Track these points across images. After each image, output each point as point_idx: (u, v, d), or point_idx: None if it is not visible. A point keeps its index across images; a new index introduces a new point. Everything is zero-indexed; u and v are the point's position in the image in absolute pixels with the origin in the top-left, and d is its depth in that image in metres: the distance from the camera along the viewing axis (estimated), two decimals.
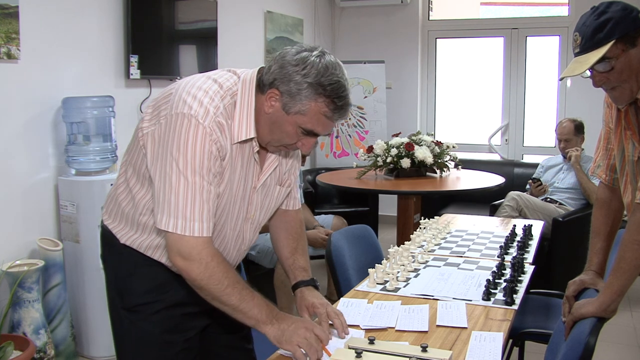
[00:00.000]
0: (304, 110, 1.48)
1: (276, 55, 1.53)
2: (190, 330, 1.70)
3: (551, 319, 2.53)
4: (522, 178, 5.08)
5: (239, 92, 1.53)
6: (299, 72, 1.46)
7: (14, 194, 3.17)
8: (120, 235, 1.65)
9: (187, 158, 1.43)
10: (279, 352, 1.60)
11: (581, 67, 1.62)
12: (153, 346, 1.65)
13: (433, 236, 2.75)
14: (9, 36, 3.04)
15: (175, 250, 1.47)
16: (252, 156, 1.59)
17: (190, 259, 1.46)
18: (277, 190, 1.74)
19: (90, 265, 3.28)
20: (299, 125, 1.51)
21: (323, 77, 1.46)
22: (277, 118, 1.52)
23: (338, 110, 1.50)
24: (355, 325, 1.76)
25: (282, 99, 1.49)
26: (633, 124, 1.72)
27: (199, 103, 1.46)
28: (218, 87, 1.52)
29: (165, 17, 4.15)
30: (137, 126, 1.59)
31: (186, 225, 1.44)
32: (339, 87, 1.48)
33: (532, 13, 7.22)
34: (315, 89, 1.46)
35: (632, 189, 1.75)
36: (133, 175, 1.60)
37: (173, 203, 1.44)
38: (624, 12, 1.60)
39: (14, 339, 2.70)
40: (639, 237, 1.63)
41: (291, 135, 1.53)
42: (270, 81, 1.50)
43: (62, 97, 3.34)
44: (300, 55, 1.49)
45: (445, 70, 6.70)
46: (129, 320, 1.67)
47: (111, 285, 1.72)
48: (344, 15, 6.77)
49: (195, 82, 1.52)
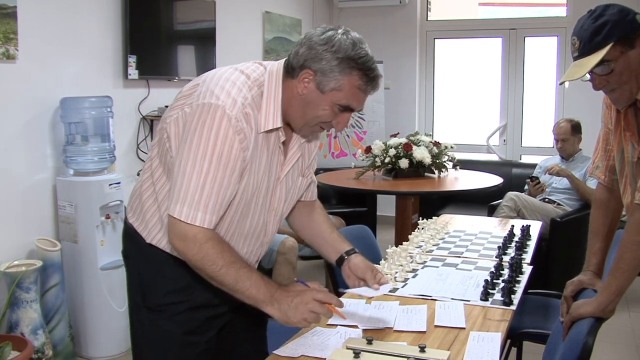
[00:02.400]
0: (339, 86, 1.50)
1: (301, 39, 1.55)
2: (211, 330, 1.70)
3: (549, 320, 2.53)
4: (520, 178, 5.08)
5: (266, 82, 1.55)
6: (329, 50, 1.48)
7: (12, 195, 3.17)
8: (145, 234, 1.65)
9: (207, 149, 1.43)
10: (275, 353, 1.60)
11: (581, 70, 1.62)
12: (174, 346, 1.65)
13: (431, 236, 2.75)
14: (7, 36, 3.04)
15: (172, 232, 1.48)
16: (277, 146, 1.60)
17: (186, 240, 1.47)
18: (300, 181, 1.75)
19: (88, 265, 3.29)
20: (335, 102, 1.52)
21: (353, 51, 1.49)
22: (312, 98, 1.53)
23: (371, 82, 1.53)
24: (354, 326, 1.76)
25: (315, 78, 1.50)
26: (632, 125, 1.72)
27: (226, 94, 1.47)
28: (245, 77, 1.53)
29: (164, 18, 4.15)
30: (162, 118, 1.61)
31: (190, 213, 1.45)
32: (369, 59, 1.51)
33: (530, 14, 7.23)
34: (347, 63, 1.49)
35: (632, 190, 1.75)
36: (157, 169, 1.60)
37: (183, 191, 1.45)
38: (621, 15, 1.60)
39: (12, 339, 2.70)
40: (637, 238, 1.63)
41: (328, 114, 1.55)
42: (301, 63, 1.51)
43: (60, 97, 3.34)
44: (326, 34, 1.51)
45: (443, 71, 6.70)
46: (150, 320, 1.66)
47: (133, 284, 1.71)
48: (342, 16, 6.77)
49: (222, 74, 1.53)
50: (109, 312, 3.35)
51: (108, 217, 3.34)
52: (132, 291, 1.72)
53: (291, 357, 1.58)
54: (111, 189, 3.34)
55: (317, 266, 4.91)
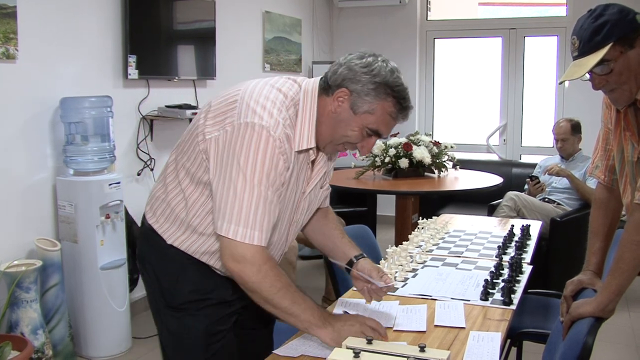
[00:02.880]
0: (372, 110, 1.54)
1: (340, 60, 1.60)
2: (228, 323, 1.73)
3: (549, 319, 2.53)
4: (520, 178, 5.08)
5: (301, 101, 1.58)
6: (368, 73, 1.53)
7: (12, 194, 3.17)
8: (167, 236, 1.66)
9: (255, 168, 1.45)
10: (275, 352, 1.60)
11: (580, 70, 1.62)
12: (200, 339, 1.68)
13: (431, 236, 2.75)
14: (6, 36, 3.04)
15: (228, 254, 1.49)
16: (306, 163, 1.63)
17: (244, 262, 1.48)
18: (320, 193, 1.79)
19: (88, 265, 3.29)
20: (365, 125, 1.56)
21: (390, 78, 1.54)
22: (343, 117, 1.57)
23: (403, 111, 1.58)
24: None
25: (350, 98, 1.55)
26: (632, 125, 1.72)
27: (269, 114, 1.48)
28: (283, 97, 1.55)
29: (164, 17, 4.15)
30: (193, 129, 1.60)
31: (247, 233, 1.46)
32: (404, 89, 1.57)
33: (530, 13, 7.23)
34: (384, 89, 1.53)
35: (632, 189, 1.75)
36: (185, 178, 1.61)
37: (236, 211, 1.46)
38: (621, 15, 1.60)
39: (11, 339, 2.70)
40: (637, 238, 1.63)
41: (356, 135, 1.58)
42: (339, 82, 1.55)
43: (60, 97, 3.34)
44: (367, 59, 1.56)
45: (443, 71, 6.70)
46: (173, 317, 1.69)
47: (153, 285, 1.73)
48: (342, 16, 6.77)
49: (261, 91, 1.54)
50: (109, 312, 3.35)
51: (108, 217, 3.34)
52: (153, 294, 1.74)
53: (291, 357, 1.58)
54: (111, 189, 3.34)
55: (317, 266, 4.91)
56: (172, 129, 4.26)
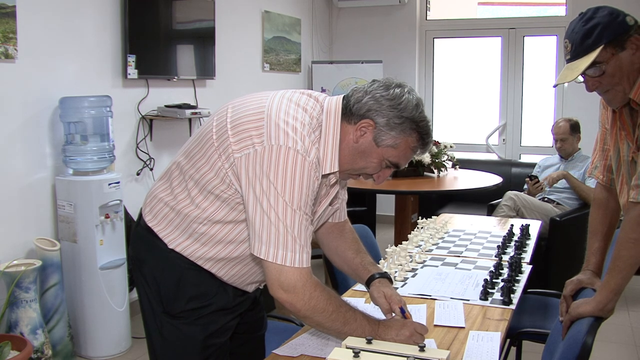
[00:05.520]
0: (396, 144, 1.52)
1: (365, 87, 1.55)
2: (228, 332, 1.70)
3: (548, 319, 2.53)
4: (519, 178, 5.09)
5: (324, 123, 1.53)
6: (395, 107, 1.50)
7: (11, 194, 3.16)
8: (169, 240, 1.61)
9: (293, 192, 1.42)
10: (275, 352, 1.60)
11: (573, 73, 1.64)
12: (196, 350, 1.63)
13: (431, 236, 2.75)
14: (6, 36, 3.04)
15: (277, 283, 1.45)
16: (325, 186, 1.61)
17: (295, 292, 1.45)
18: (329, 210, 1.76)
19: (87, 265, 3.28)
20: (386, 158, 1.54)
21: (416, 112, 1.51)
22: (365, 148, 1.54)
23: (423, 146, 1.56)
24: None
25: (374, 131, 1.51)
26: (628, 125, 1.73)
27: (301, 137, 1.44)
28: (310, 117, 1.51)
29: (163, 17, 4.15)
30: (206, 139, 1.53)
31: (295, 257, 1.43)
32: (428, 124, 1.54)
33: (530, 13, 7.22)
34: (410, 124, 1.50)
35: (628, 189, 1.76)
36: (194, 188, 1.56)
37: (282, 235, 1.42)
38: (611, 17, 1.61)
39: (11, 339, 2.70)
40: (634, 236, 1.63)
41: (375, 167, 1.57)
42: (363, 112, 1.51)
43: (60, 96, 3.33)
44: (394, 91, 1.52)
45: (442, 70, 6.70)
46: (171, 325, 1.63)
47: (150, 290, 1.66)
48: (342, 15, 6.77)
49: (287, 110, 1.49)
50: (108, 311, 3.35)
51: (107, 217, 3.33)
52: (148, 298, 1.67)
53: (291, 357, 1.58)
54: (110, 189, 3.34)
55: (317, 266, 4.91)
56: (172, 128, 4.26)
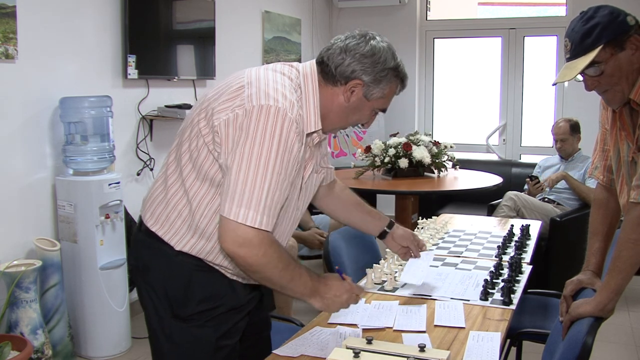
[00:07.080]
0: (385, 94, 1.62)
1: (338, 45, 1.58)
2: (239, 332, 1.69)
3: (549, 319, 2.53)
4: (519, 178, 5.08)
5: (302, 84, 1.59)
6: (378, 62, 1.57)
7: (11, 194, 3.16)
8: (175, 242, 1.59)
9: (271, 150, 1.41)
10: (275, 352, 1.60)
11: (572, 72, 1.64)
12: (207, 352, 1.62)
13: (431, 236, 2.75)
14: (6, 36, 3.04)
15: (231, 237, 1.42)
16: (308, 147, 1.61)
17: (250, 246, 1.42)
18: (315, 178, 1.75)
19: (87, 265, 3.28)
20: (376, 107, 1.65)
21: (394, 61, 1.60)
22: (357, 105, 1.62)
23: (403, 87, 1.68)
24: (353, 325, 1.76)
25: (364, 88, 1.59)
26: (627, 125, 1.73)
27: (282, 95, 1.48)
28: (289, 80, 1.56)
29: (163, 17, 4.15)
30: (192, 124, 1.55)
31: (256, 218, 1.40)
32: (403, 65, 1.64)
33: (530, 13, 7.22)
34: (393, 73, 1.60)
35: (628, 189, 1.76)
36: (191, 174, 1.55)
37: (247, 194, 1.40)
38: (611, 17, 1.61)
39: (11, 339, 2.70)
40: (634, 236, 1.63)
41: (367, 117, 1.67)
42: (349, 73, 1.57)
43: (60, 96, 3.33)
44: (369, 44, 1.58)
45: (443, 70, 6.70)
46: (181, 329, 1.61)
47: (156, 296, 1.63)
48: (342, 16, 6.77)
49: (267, 76, 1.54)
50: (108, 312, 3.35)
51: (107, 217, 3.33)
52: (154, 304, 1.65)
53: (291, 357, 1.58)
54: (111, 189, 3.34)
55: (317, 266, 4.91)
56: (172, 128, 4.26)
